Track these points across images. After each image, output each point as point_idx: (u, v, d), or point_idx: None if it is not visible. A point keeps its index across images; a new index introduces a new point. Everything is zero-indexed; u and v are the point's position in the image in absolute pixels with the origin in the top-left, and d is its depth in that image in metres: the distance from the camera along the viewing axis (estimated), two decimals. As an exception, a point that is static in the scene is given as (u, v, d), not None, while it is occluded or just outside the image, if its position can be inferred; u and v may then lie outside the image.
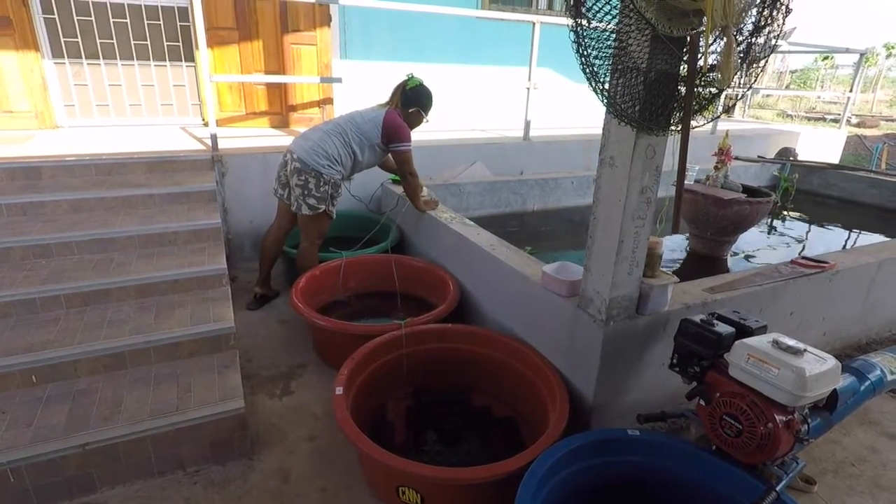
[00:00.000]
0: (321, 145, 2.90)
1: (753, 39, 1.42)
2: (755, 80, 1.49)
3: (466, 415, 2.34)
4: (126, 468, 1.92)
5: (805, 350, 1.49)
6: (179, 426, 1.97)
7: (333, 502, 1.90)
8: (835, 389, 1.63)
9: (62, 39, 4.36)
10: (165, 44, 4.70)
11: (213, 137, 3.68)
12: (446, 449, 2.14)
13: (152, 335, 2.31)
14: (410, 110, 3.07)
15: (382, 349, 2.32)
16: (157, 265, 2.73)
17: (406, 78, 3.07)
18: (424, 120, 3.17)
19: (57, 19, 4.29)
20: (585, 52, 1.41)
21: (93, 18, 4.40)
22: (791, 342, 1.50)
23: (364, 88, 5.74)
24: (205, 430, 2.00)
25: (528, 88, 4.59)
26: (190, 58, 4.80)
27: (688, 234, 3.96)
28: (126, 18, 4.50)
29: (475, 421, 2.31)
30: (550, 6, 6.67)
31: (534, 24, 4.41)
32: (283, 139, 4.40)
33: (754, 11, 1.39)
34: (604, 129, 1.77)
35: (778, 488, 1.47)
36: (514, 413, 2.34)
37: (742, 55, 1.42)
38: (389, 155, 3.17)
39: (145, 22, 4.57)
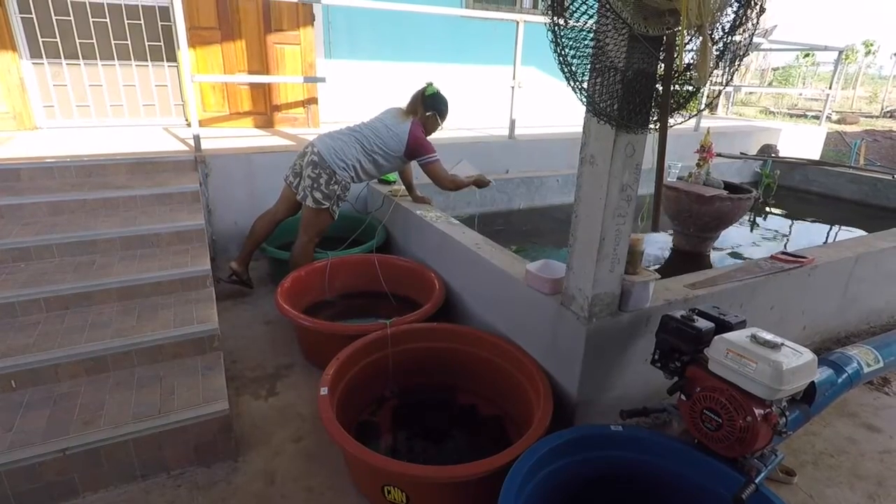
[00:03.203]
0: (343, 148, 3.04)
1: (729, 38, 1.44)
2: (732, 78, 1.51)
3: (453, 413, 2.35)
4: (108, 472, 1.90)
5: (782, 344, 1.51)
6: (163, 429, 1.95)
7: (319, 502, 1.89)
8: (812, 382, 1.67)
9: (40, 39, 4.30)
10: (147, 43, 4.65)
11: (196, 138, 3.65)
12: (433, 448, 2.14)
13: (135, 338, 2.28)
14: (428, 114, 3.20)
15: (368, 349, 2.32)
16: (140, 267, 2.70)
17: (424, 86, 3.22)
18: (439, 126, 3.32)
19: (34, 19, 4.23)
20: (563, 52, 1.42)
21: (72, 18, 4.34)
22: (768, 336, 1.53)
23: (349, 88, 5.74)
24: (189, 433, 1.99)
25: (513, 87, 4.61)
26: (172, 58, 4.76)
27: (671, 231, 4.00)
28: (106, 18, 4.44)
29: (461, 419, 2.32)
30: (535, 5, 6.70)
31: (517, 22, 4.43)
32: (267, 139, 4.37)
33: (730, 11, 1.41)
34: (584, 127, 1.78)
35: (757, 480, 1.50)
36: (500, 411, 2.35)
37: (718, 54, 1.44)
38: (407, 165, 3.40)
39: (125, 21, 4.52)
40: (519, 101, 4.78)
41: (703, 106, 1.83)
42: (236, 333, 2.97)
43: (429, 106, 3.19)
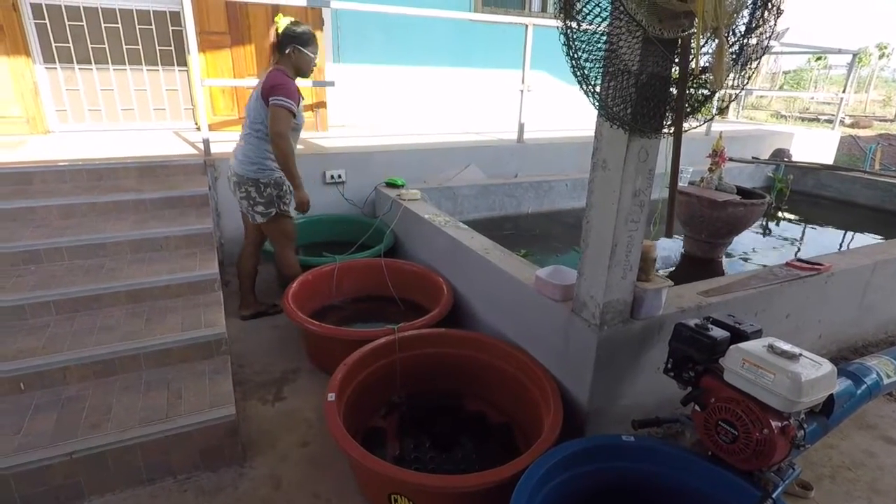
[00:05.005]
0: (246, 151, 2.81)
1: (745, 40, 1.41)
2: (748, 82, 1.48)
3: (461, 420, 2.32)
4: (115, 476, 1.90)
5: (800, 355, 1.48)
6: (169, 433, 1.94)
7: (325, 510, 1.87)
8: (831, 394, 1.62)
9: (53, 44, 4.34)
10: (158, 48, 4.68)
11: (206, 142, 3.66)
12: (440, 455, 2.11)
13: (143, 341, 2.28)
14: (287, 51, 2.70)
15: (375, 354, 2.30)
16: (149, 270, 2.70)
17: (274, 24, 2.70)
18: (313, 59, 2.79)
19: (48, 24, 4.27)
20: (576, 56, 1.40)
21: (84, 23, 4.37)
22: (786, 347, 1.49)
23: (357, 92, 5.75)
24: (195, 438, 1.98)
25: (522, 91, 4.59)
26: (182, 62, 4.79)
27: (683, 237, 3.95)
28: (118, 23, 4.48)
29: (470, 426, 2.29)
30: (544, 8, 6.68)
31: (526, 26, 4.41)
32: (276, 143, 4.37)
33: (746, 13, 1.38)
34: (596, 131, 1.75)
35: (774, 495, 1.46)
36: (509, 419, 2.32)
37: (734, 56, 1.41)
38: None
39: (137, 27, 4.55)
40: (528, 105, 4.76)
41: (715, 110, 1.78)
42: (243, 337, 2.96)
43: (285, 43, 2.68)
